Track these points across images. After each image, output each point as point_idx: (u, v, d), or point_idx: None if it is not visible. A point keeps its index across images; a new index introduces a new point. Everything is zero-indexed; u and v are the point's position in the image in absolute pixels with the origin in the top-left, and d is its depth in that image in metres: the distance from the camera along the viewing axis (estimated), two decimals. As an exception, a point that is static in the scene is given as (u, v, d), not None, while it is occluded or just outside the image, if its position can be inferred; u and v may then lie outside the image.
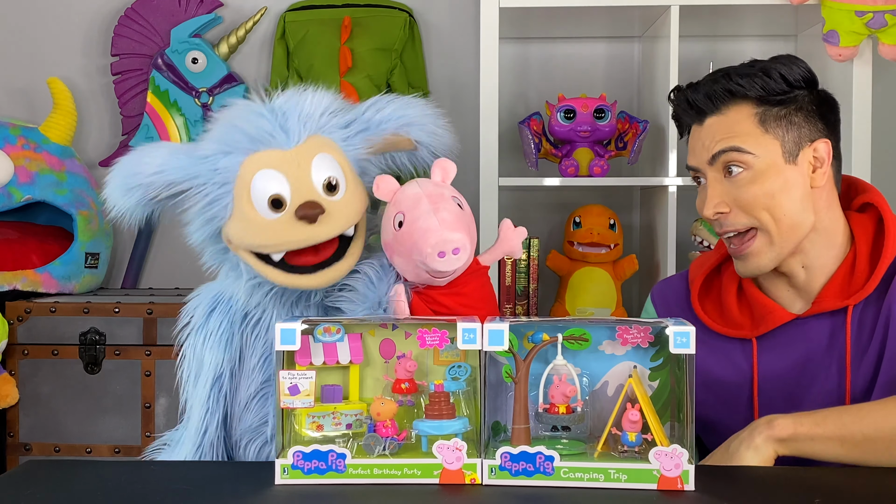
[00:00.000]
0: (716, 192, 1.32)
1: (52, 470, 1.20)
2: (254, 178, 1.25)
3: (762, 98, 1.32)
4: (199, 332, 1.37)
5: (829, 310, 1.33)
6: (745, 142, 1.31)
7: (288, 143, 1.27)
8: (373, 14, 2.53)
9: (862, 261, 1.33)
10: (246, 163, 1.26)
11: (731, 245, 1.35)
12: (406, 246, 1.23)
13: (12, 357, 2.21)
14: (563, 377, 1.13)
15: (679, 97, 1.38)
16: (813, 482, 1.11)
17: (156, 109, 2.58)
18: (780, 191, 1.30)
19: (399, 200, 1.25)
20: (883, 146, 2.51)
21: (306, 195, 1.25)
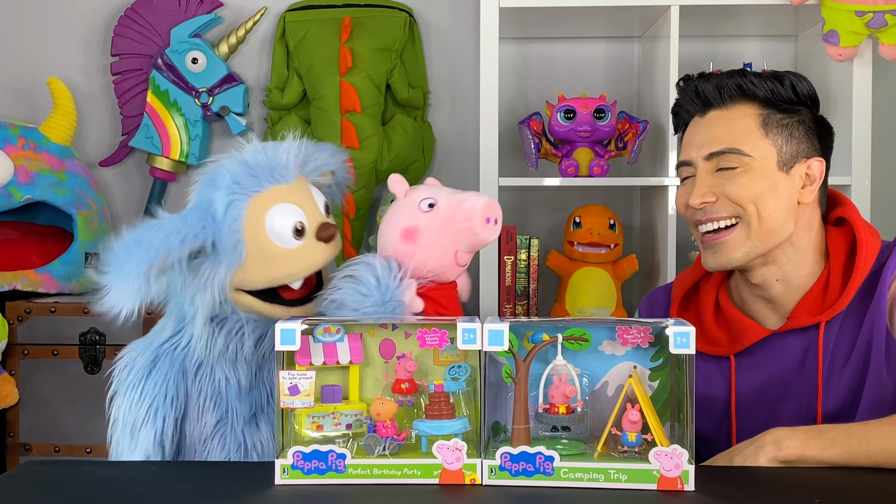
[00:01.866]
0: (705, 183, 1.34)
1: (52, 470, 1.20)
2: (268, 215, 1.32)
3: (769, 101, 1.34)
4: (135, 390, 1.37)
5: (803, 326, 1.34)
6: (745, 143, 1.32)
7: (289, 178, 1.36)
8: (373, 14, 2.53)
9: (835, 278, 1.34)
10: (252, 204, 1.32)
11: (704, 236, 1.35)
12: (445, 217, 1.31)
13: (12, 357, 2.21)
14: (563, 377, 1.13)
15: (688, 85, 1.39)
16: (813, 482, 1.12)
17: (156, 109, 2.58)
18: (768, 192, 1.32)
19: (419, 190, 1.37)
20: (883, 146, 2.51)
21: (319, 219, 1.36)
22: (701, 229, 1.36)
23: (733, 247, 1.33)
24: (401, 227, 1.33)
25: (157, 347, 1.41)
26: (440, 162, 2.66)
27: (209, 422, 1.39)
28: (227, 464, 1.27)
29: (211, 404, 1.39)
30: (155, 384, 1.37)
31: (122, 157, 2.66)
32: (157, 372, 1.38)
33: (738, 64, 2.43)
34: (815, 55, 2.42)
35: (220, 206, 1.31)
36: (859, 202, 2.20)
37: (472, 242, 1.33)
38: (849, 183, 2.21)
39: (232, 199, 1.32)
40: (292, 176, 1.36)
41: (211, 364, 1.39)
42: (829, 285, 1.34)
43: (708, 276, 1.47)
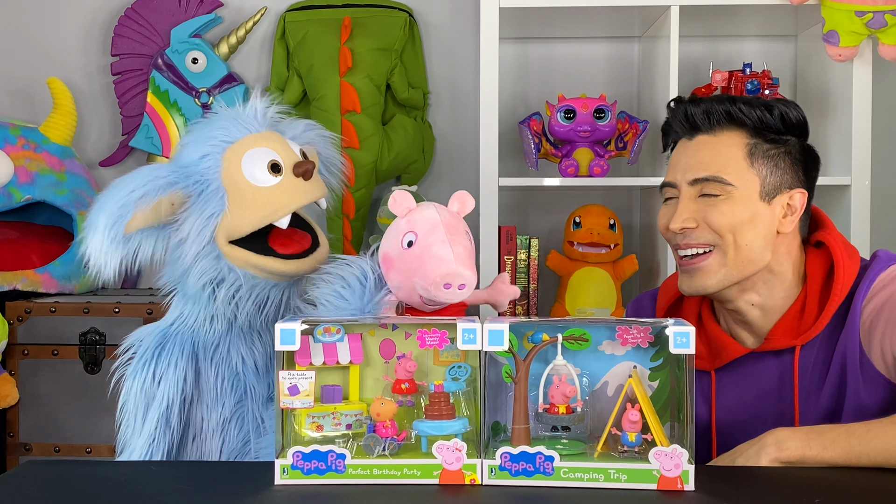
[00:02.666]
0: (687, 208, 1.34)
1: (52, 470, 1.20)
2: (242, 160, 1.35)
3: (757, 130, 1.34)
4: (146, 367, 1.38)
5: (779, 348, 1.35)
6: (729, 172, 1.33)
7: (258, 128, 1.40)
8: (373, 14, 2.53)
9: (811, 301, 1.34)
10: (227, 154, 1.36)
11: (682, 259, 1.36)
12: (411, 267, 1.23)
13: (12, 357, 2.21)
14: (563, 377, 1.13)
15: (678, 108, 1.39)
16: (813, 482, 1.12)
17: (156, 109, 2.58)
18: (748, 222, 1.32)
19: (414, 220, 1.26)
20: (883, 146, 2.51)
21: (295, 158, 1.38)
22: (679, 253, 1.37)
23: (708, 273, 1.33)
24: (384, 248, 1.30)
25: (165, 328, 1.42)
26: (440, 162, 2.66)
27: (228, 404, 1.40)
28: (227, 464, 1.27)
29: (229, 387, 1.40)
30: (167, 363, 1.37)
31: (122, 157, 2.66)
32: (167, 352, 1.39)
33: (738, 64, 2.43)
34: (815, 55, 2.42)
35: (193, 156, 1.36)
36: (859, 202, 2.21)
37: (433, 298, 1.24)
38: (849, 183, 2.21)
39: (207, 152, 1.36)
40: (262, 125, 1.40)
41: (227, 346, 1.41)
42: (805, 309, 1.35)
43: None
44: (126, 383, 1.40)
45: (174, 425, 1.37)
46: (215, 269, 1.37)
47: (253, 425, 1.41)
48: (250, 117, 1.41)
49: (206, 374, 1.40)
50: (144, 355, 1.39)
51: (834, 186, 2.27)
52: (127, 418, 1.40)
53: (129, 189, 1.30)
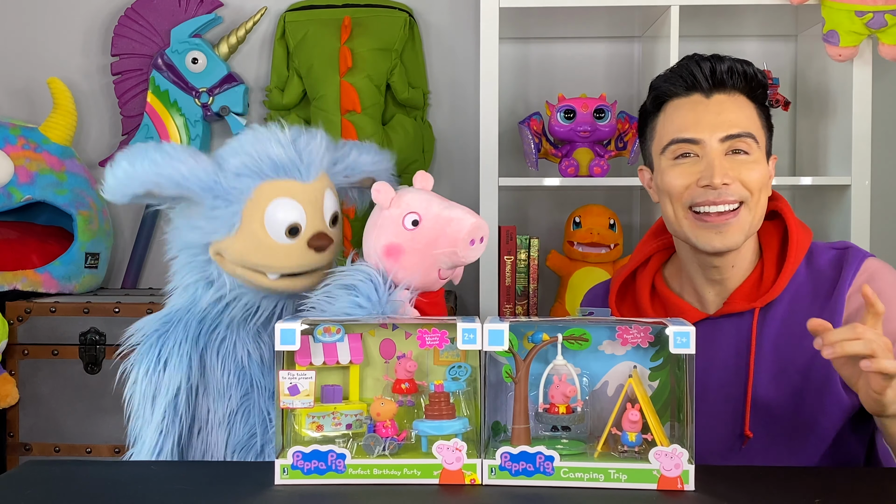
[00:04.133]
0: (723, 164, 1.34)
1: (52, 470, 1.20)
2: (271, 205, 1.33)
3: (759, 97, 1.39)
4: (150, 354, 1.38)
5: (738, 311, 1.38)
6: (756, 131, 1.37)
7: (308, 177, 1.36)
8: (373, 14, 2.53)
9: (769, 268, 1.39)
10: (263, 187, 1.33)
11: (709, 212, 1.34)
12: (428, 240, 1.26)
13: (12, 357, 2.21)
14: (563, 377, 1.13)
15: (701, 62, 1.37)
16: (813, 482, 1.12)
17: (156, 109, 2.58)
18: (767, 181, 1.38)
19: (407, 202, 1.28)
20: (883, 146, 2.51)
21: (319, 227, 1.36)
22: (709, 209, 1.34)
23: (739, 228, 1.35)
24: (384, 242, 1.29)
25: (168, 313, 1.42)
26: (440, 162, 2.66)
27: (234, 396, 1.40)
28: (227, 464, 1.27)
29: (235, 380, 1.40)
30: (171, 346, 1.37)
31: (122, 157, 2.65)
32: (171, 336, 1.38)
33: (738, 64, 2.43)
34: (815, 55, 2.42)
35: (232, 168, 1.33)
36: (859, 202, 2.21)
37: (455, 262, 1.29)
38: (849, 183, 2.21)
39: (243, 174, 1.33)
40: (312, 175, 1.36)
41: (234, 341, 1.40)
42: (763, 275, 1.39)
43: (644, 265, 1.52)
44: (132, 373, 1.39)
45: (182, 413, 1.36)
46: (204, 269, 1.38)
47: (259, 419, 1.40)
48: (307, 161, 1.36)
49: (211, 366, 1.40)
50: (149, 340, 1.39)
51: (834, 186, 2.27)
52: (135, 409, 1.39)
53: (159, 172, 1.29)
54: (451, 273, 1.32)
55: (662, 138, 1.39)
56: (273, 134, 1.37)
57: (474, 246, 1.27)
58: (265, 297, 1.39)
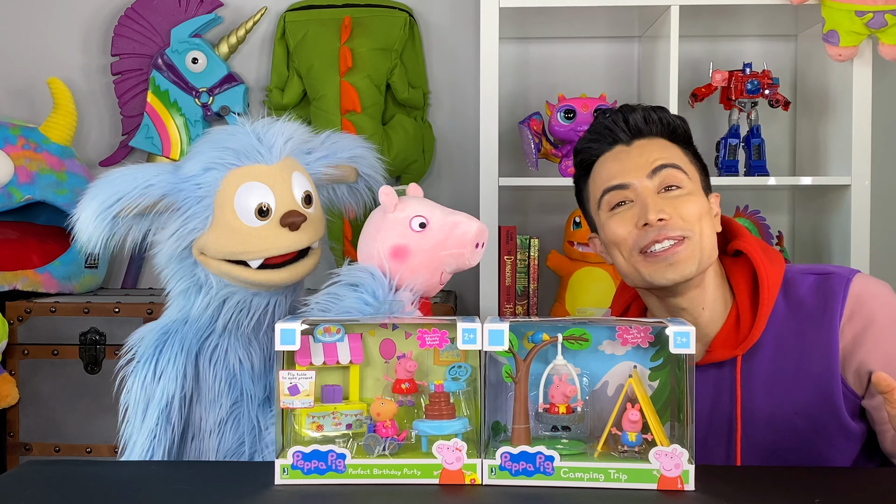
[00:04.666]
0: (656, 202, 1.32)
1: (52, 470, 1.20)
2: (238, 190, 1.35)
3: (681, 139, 1.39)
4: (147, 365, 1.39)
5: (720, 360, 1.35)
6: (683, 165, 1.36)
7: (271, 159, 1.38)
8: (373, 14, 2.53)
9: (744, 310, 1.35)
10: (229, 176, 1.36)
11: (654, 252, 1.32)
12: (437, 241, 1.30)
13: (12, 357, 2.21)
14: (563, 377, 1.13)
15: (615, 117, 1.40)
16: (813, 482, 1.12)
17: (156, 109, 2.58)
18: (706, 214, 1.35)
19: (413, 206, 1.33)
20: (883, 146, 2.51)
21: (290, 205, 1.36)
22: (655, 248, 1.32)
23: (688, 260, 1.31)
24: (391, 243, 1.31)
25: (166, 325, 1.43)
26: (440, 162, 2.66)
27: (224, 405, 1.41)
28: (227, 464, 1.27)
29: (226, 388, 1.41)
30: (167, 360, 1.38)
31: (123, 157, 2.66)
32: (168, 349, 1.39)
33: (738, 64, 2.43)
34: (815, 55, 2.42)
35: (197, 166, 1.37)
36: (859, 202, 2.21)
37: (459, 265, 1.33)
38: (848, 183, 2.21)
39: (211, 167, 1.36)
40: (276, 157, 1.38)
41: (225, 348, 1.41)
42: (739, 319, 1.36)
43: (637, 298, 1.48)
44: (128, 382, 1.41)
45: (175, 422, 1.37)
46: (192, 274, 1.40)
47: (248, 427, 1.41)
48: (268, 144, 1.39)
49: (204, 373, 1.41)
50: (146, 353, 1.40)
51: (834, 186, 2.27)
52: (129, 415, 1.40)
53: (119, 190, 1.33)
54: (448, 278, 1.35)
55: (595, 194, 1.39)
56: (232, 126, 1.42)
57: (478, 249, 1.32)
58: (255, 294, 1.40)
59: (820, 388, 1.30)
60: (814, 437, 1.32)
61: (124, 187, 1.34)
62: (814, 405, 1.31)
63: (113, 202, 1.33)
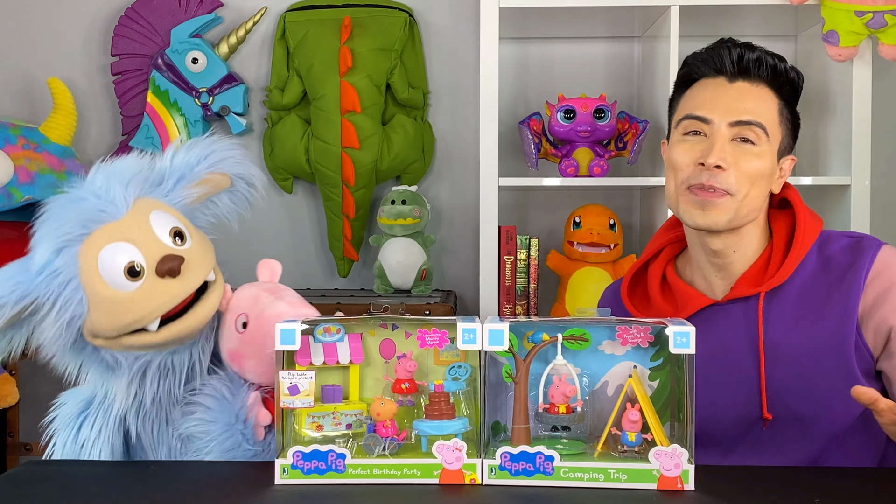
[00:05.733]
0: (724, 148, 1.36)
1: (52, 470, 1.20)
2: (99, 259, 1.20)
3: (787, 95, 1.40)
4: (67, 432, 1.30)
5: (743, 296, 1.39)
6: (769, 124, 1.37)
7: (118, 213, 1.23)
8: (373, 14, 2.53)
9: (777, 253, 1.40)
10: (83, 249, 1.21)
11: (698, 191, 1.36)
12: (257, 342, 1.22)
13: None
14: (563, 377, 1.13)
15: (733, 48, 1.39)
16: (813, 482, 1.12)
17: (156, 109, 2.58)
18: (767, 176, 1.38)
19: (235, 306, 1.26)
20: (883, 146, 2.51)
21: (159, 252, 1.21)
22: (700, 185, 1.36)
23: (722, 210, 1.36)
24: (226, 349, 1.26)
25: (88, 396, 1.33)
26: (440, 162, 2.66)
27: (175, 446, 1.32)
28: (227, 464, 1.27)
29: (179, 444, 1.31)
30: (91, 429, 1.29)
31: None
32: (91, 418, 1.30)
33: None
34: (815, 55, 2.42)
35: (47, 254, 1.22)
36: (859, 202, 2.21)
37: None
38: (848, 183, 2.21)
39: (61, 247, 1.22)
40: (123, 208, 1.23)
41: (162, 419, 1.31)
42: (770, 260, 1.40)
43: (655, 257, 1.53)
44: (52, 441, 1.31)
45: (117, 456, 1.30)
46: (98, 359, 1.27)
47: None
48: (108, 198, 1.24)
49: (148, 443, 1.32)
50: (68, 421, 1.31)
51: (834, 186, 2.27)
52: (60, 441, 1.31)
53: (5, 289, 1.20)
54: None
55: (680, 112, 1.43)
56: (63, 197, 1.28)
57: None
58: (173, 353, 1.27)
59: (834, 339, 1.33)
60: (820, 382, 1.34)
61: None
62: (826, 354, 1.34)
63: None
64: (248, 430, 1.22)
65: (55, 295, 1.20)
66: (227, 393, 1.24)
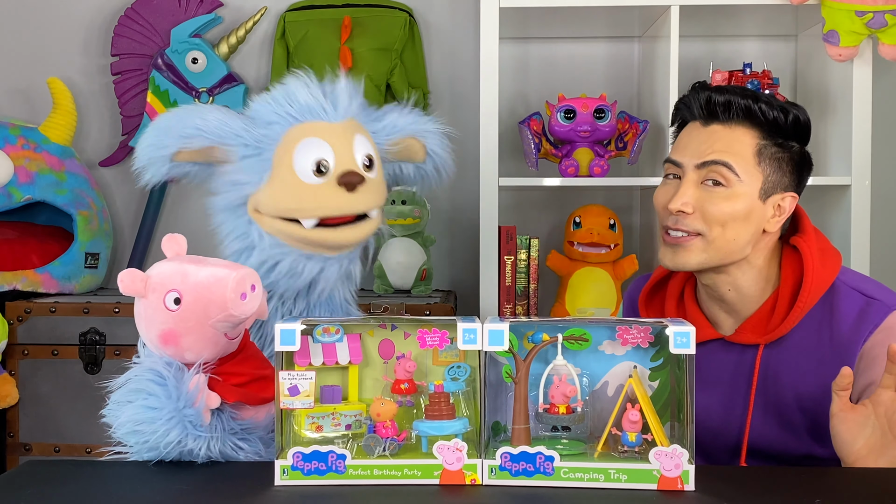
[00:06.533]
0: (688, 192, 1.36)
1: (52, 470, 1.20)
2: (298, 145, 1.32)
3: (769, 131, 1.37)
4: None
5: (745, 343, 1.39)
6: (738, 164, 1.35)
7: (336, 117, 1.36)
8: (373, 14, 2.53)
9: (782, 303, 1.38)
10: (291, 131, 1.34)
11: (669, 234, 1.38)
12: (198, 314, 1.15)
13: (12, 357, 2.21)
14: (563, 377, 1.13)
15: (701, 92, 1.40)
16: (813, 482, 1.12)
17: (156, 109, 2.58)
18: (742, 218, 1.35)
19: (161, 283, 1.17)
20: (883, 146, 2.51)
21: (349, 165, 1.33)
22: (669, 233, 1.39)
23: (691, 252, 1.37)
24: (156, 332, 1.18)
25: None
26: (440, 162, 2.66)
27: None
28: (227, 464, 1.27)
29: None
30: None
31: (122, 157, 2.66)
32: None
33: (738, 64, 2.43)
34: (815, 55, 2.42)
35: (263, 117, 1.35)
36: (859, 202, 2.21)
37: (234, 322, 1.17)
38: (849, 183, 2.21)
39: (274, 121, 1.35)
40: (340, 116, 1.36)
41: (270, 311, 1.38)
42: (774, 310, 1.38)
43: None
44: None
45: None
46: (246, 234, 1.37)
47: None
48: (333, 102, 1.36)
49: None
50: None
51: (834, 186, 2.27)
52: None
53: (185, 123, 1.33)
54: (238, 331, 1.21)
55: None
56: (299, 79, 1.38)
57: (246, 299, 1.15)
58: (308, 258, 1.36)
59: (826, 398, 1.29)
60: (806, 433, 1.36)
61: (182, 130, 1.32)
62: (815, 408, 1.34)
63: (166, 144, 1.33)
64: (197, 416, 1.17)
65: (249, 153, 1.33)
66: (171, 378, 1.18)
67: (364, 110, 1.42)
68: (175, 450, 1.17)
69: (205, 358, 1.19)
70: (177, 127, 1.34)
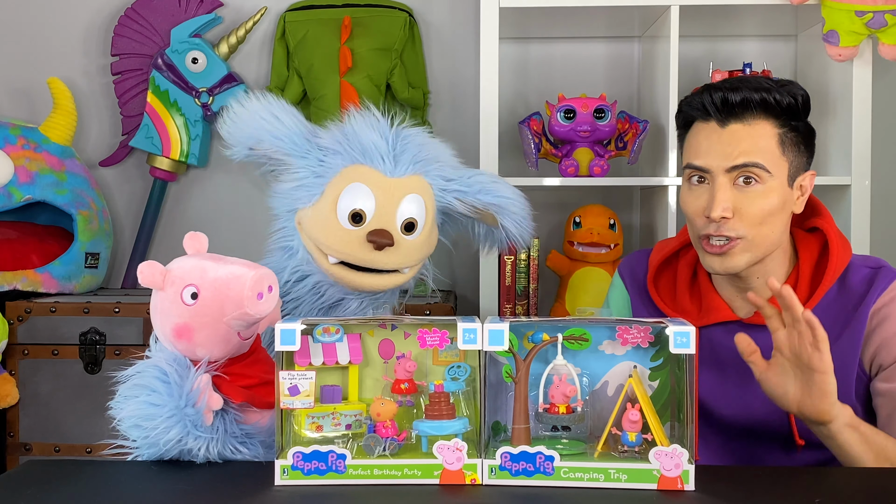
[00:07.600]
0: (726, 197, 1.35)
1: (52, 470, 1.20)
2: (348, 187, 1.36)
3: (785, 120, 1.37)
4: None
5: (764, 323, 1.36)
6: (767, 160, 1.35)
7: (392, 172, 1.38)
8: (373, 14, 2.53)
9: (803, 282, 1.40)
10: (349, 169, 1.37)
11: (710, 243, 1.37)
12: (214, 310, 1.16)
13: (12, 357, 2.21)
14: (563, 377, 1.13)
15: (714, 92, 1.38)
16: (813, 482, 1.12)
17: (156, 109, 2.58)
18: (779, 210, 1.37)
19: (180, 277, 1.18)
20: (883, 146, 2.50)
21: (385, 224, 1.35)
22: (711, 241, 1.37)
23: (737, 256, 1.37)
24: (170, 325, 1.19)
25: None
26: (440, 162, 2.66)
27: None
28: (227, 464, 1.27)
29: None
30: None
31: (122, 157, 2.66)
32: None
33: (738, 64, 2.43)
34: (815, 55, 2.41)
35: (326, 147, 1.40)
36: (859, 202, 2.21)
37: (249, 321, 1.17)
38: (849, 183, 2.21)
39: (338, 152, 1.39)
40: (399, 171, 1.38)
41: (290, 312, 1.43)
42: (797, 288, 1.40)
43: (689, 246, 1.51)
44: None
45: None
46: (291, 237, 1.43)
47: None
48: (394, 156, 1.38)
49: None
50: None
51: (834, 186, 2.27)
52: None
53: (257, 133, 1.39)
54: (251, 332, 1.22)
55: (684, 157, 1.43)
56: (373, 119, 1.42)
57: (263, 299, 1.15)
58: (331, 284, 1.41)
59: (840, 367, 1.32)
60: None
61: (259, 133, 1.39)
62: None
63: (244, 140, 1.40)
64: (197, 416, 1.17)
65: (307, 174, 1.39)
66: (175, 375, 1.18)
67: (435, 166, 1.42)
68: (175, 448, 1.17)
69: (216, 356, 1.19)
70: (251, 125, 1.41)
